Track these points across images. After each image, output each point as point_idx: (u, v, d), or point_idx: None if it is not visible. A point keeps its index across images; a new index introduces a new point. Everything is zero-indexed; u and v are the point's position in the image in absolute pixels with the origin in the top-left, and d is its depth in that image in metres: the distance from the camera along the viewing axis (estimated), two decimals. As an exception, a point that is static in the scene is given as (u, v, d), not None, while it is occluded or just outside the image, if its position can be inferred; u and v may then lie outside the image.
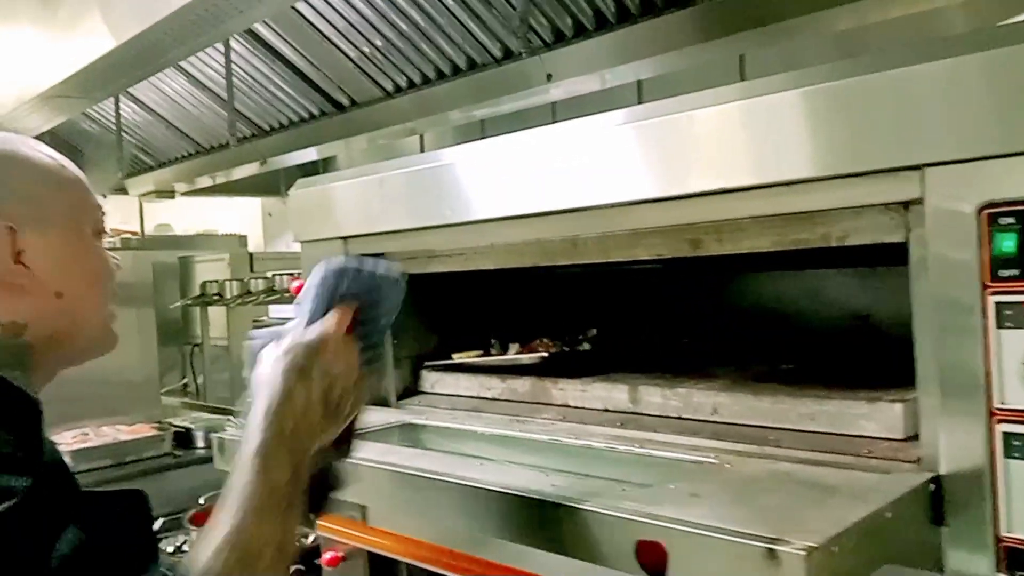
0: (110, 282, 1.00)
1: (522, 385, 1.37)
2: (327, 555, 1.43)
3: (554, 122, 1.19)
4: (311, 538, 1.82)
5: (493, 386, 1.41)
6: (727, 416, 1.12)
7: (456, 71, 2.26)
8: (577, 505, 0.84)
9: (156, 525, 2.27)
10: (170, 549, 2.06)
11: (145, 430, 2.93)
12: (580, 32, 1.74)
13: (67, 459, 2.77)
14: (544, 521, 0.89)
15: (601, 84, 1.79)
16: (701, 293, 1.65)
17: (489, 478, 0.99)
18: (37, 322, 0.94)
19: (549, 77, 1.95)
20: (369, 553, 1.37)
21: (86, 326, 0.99)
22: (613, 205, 1.07)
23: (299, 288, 1.50)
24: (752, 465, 0.97)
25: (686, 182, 0.98)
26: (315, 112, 2.70)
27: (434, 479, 1.01)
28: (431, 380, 1.51)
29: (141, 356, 3.42)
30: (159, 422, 3.07)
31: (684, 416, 1.17)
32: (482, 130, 2.43)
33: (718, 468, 0.97)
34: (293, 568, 1.86)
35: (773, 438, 1.04)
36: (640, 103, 1.78)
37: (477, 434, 1.30)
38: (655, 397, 1.21)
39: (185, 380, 3.78)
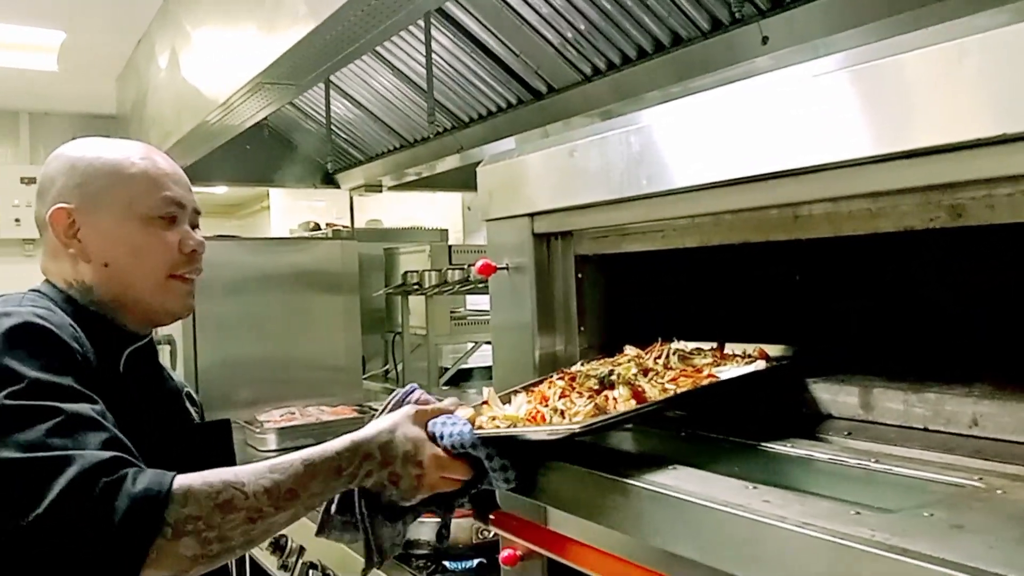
0: (164, 258, 1.20)
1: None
2: (504, 552, 1.33)
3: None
4: (492, 532, 1.74)
5: (691, 383, 1.24)
6: (992, 430, 0.89)
7: (658, 48, 2.11)
8: (797, 529, 0.67)
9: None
10: (359, 532, 2.07)
11: (347, 412, 3.02)
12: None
13: (273, 436, 2.90)
14: (749, 542, 0.73)
15: (815, 54, 1.57)
16: (953, 276, 1.37)
17: (683, 485, 0.84)
18: (97, 285, 1.20)
19: (765, 40, 1.75)
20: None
21: (136, 293, 1.20)
22: (846, 164, 0.87)
23: (482, 268, 1.43)
24: (1033, 494, 0.74)
25: (950, 128, 0.77)
26: (512, 101, 2.65)
27: (617, 481, 0.87)
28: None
29: (346, 342, 3.55)
30: (360, 405, 3.15)
31: (933, 428, 0.94)
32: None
33: (985, 494, 0.76)
34: (476, 560, 1.80)
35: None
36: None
37: (670, 436, 1.14)
38: (894, 403, 0.99)
39: (387, 367, 3.90)
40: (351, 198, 4.27)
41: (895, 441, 0.94)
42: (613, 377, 1.08)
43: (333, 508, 1.10)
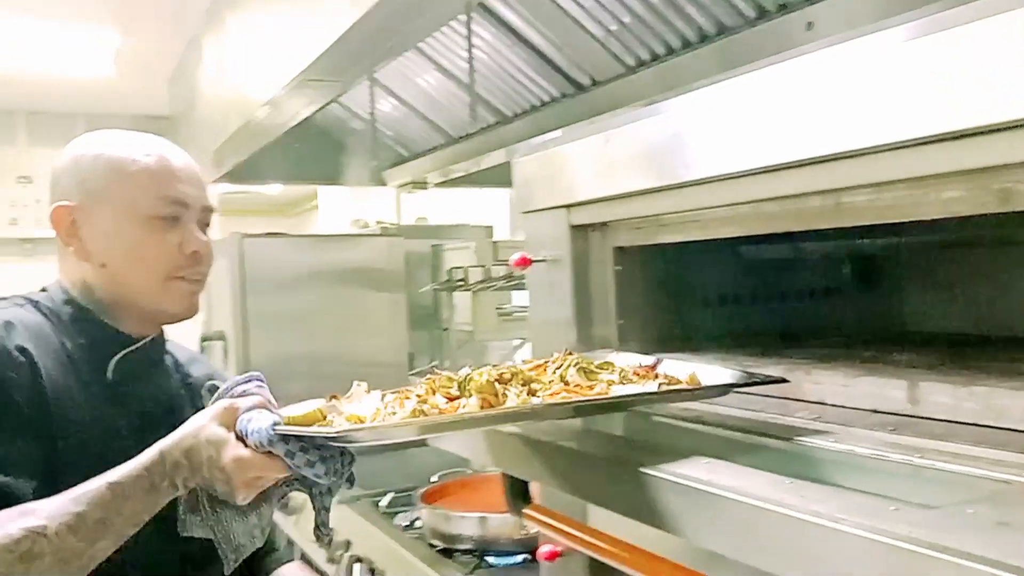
0: (164, 259, 1.16)
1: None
2: (544, 548, 1.32)
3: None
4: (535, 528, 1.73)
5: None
6: (1047, 426, 0.85)
7: (703, 38, 2.08)
8: (831, 524, 0.65)
9: (385, 500, 2.33)
10: (404, 523, 2.09)
11: (392, 408, 3.04)
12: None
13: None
14: (783, 538, 0.70)
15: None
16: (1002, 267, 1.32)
17: (720, 480, 0.82)
18: (97, 286, 1.17)
19: (810, 26, 1.70)
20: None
21: (134, 294, 1.17)
22: (890, 147, 0.84)
23: (519, 261, 1.42)
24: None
25: (1012, 105, 0.72)
26: (556, 94, 2.64)
27: (650, 475, 0.85)
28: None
29: (392, 338, 3.59)
30: (405, 402, 3.17)
31: (984, 423, 0.90)
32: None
33: (1036, 492, 0.72)
34: (520, 556, 1.79)
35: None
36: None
37: (710, 432, 1.12)
38: (942, 397, 0.95)
39: (433, 363, 3.92)
40: (398, 195, 4.31)
41: (942, 436, 0.90)
42: (470, 386, 1.00)
43: (182, 508, 1.04)
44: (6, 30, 3.79)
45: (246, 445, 0.96)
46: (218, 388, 1.11)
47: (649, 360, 1.17)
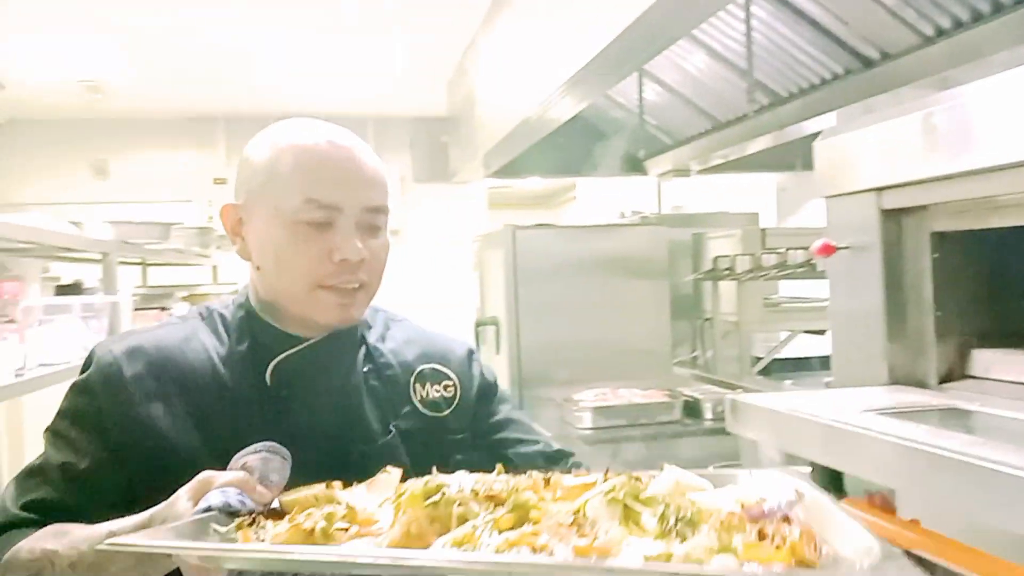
0: (308, 268, 1.06)
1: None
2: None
3: None
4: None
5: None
6: None
7: (997, 8, 1.85)
8: None
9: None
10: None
11: (657, 396, 3.06)
12: None
13: (588, 415, 2.63)
14: None
15: None
16: None
17: None
18: (257, 288, 1.13)
19: None
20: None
21: (284, 300, 1.10)
22: None
23: (822, 248, 1.36)
24: None
25: None
26: (839, 71, 2.49)
27: (991, 468, 0.78)
28: (985, 362, 1.23)
29: (655, 327, 3.60)
30: (670, 390, 3.17)
31: None
32: None
33: None
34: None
35: None
36: None
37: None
38: None
39: (695, 353, 3.87)
40: (658, 184, 4.30)
41: None
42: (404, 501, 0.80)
43: None
44: (303, 47, 4.28)
45: None
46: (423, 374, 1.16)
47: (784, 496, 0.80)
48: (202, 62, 4.33)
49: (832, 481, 1.13)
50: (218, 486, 0.90)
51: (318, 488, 0.91)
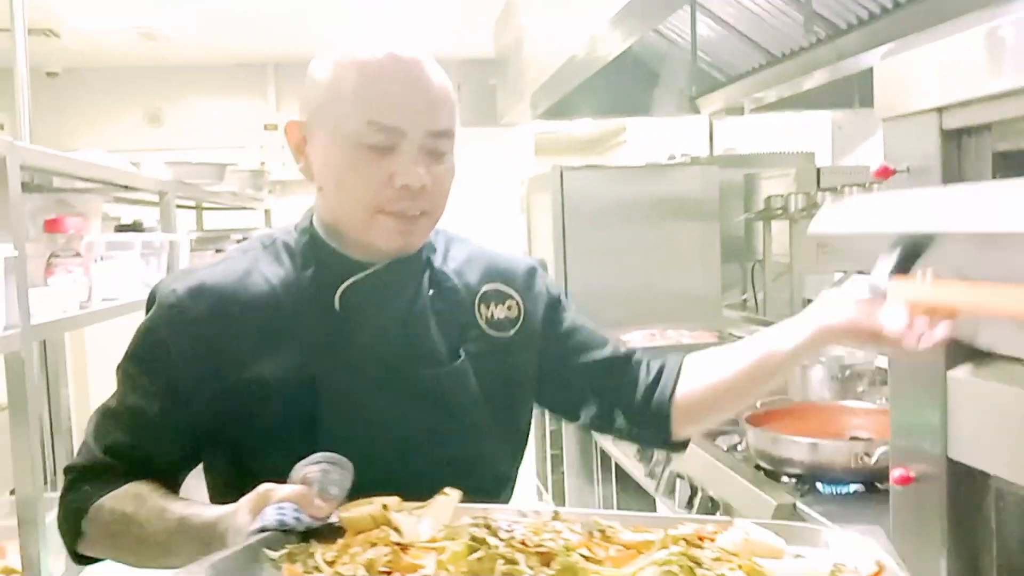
0: (368, 191, 1.03)
1: None
2: (896, 473, 1.26)
3: None
4: (875, 456, 1.66)
5: None
6: None
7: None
8: None
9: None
10: (726, 445, 2.10)
11: (706, 337, 3.05)
12: None
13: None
14: None
15: None
16: None
17: None
18: (319, 209, 1.12)
19: None
20: (949, 472, 1.16)
21: (344, 224, 1.08)
22: None
23: (880, 171, 1.33)
24: None
25: None
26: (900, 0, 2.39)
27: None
28: None
29: (704, 270, 3.57)
30: (720, 331, 3.16)
31: None
32: None
33: None
34: (852, 487, 1.70)
35: None
36: None
37: None
38: None
39: (745, 296, 3.83)
40: (710, 124, 4.21)
41: None
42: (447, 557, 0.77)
43: None
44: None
45: None
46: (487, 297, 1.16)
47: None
48: (252, 8, 4.35)
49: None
50: (275, 501, 0.88)
51: (375, 507, 0.88)
